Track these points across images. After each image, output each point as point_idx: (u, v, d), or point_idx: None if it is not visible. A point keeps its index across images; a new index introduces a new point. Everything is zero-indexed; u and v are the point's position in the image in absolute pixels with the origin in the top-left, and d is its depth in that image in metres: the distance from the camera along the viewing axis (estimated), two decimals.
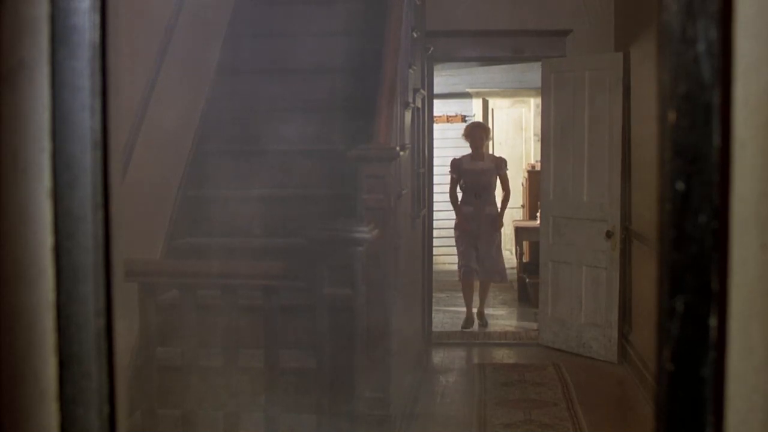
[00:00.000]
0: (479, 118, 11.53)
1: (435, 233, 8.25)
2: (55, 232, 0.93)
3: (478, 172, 8.15)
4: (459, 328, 8.09)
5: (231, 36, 5.98)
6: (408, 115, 5.42)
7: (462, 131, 8.69)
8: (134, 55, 4.40)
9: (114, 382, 0.96)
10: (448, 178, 8.56)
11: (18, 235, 0.93)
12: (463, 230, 8.24)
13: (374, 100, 4.62)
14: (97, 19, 0.92)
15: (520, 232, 9.73)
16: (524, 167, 11.39)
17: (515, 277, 9.83)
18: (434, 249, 8.17)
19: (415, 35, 5.89)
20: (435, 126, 8.45)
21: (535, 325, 7.87)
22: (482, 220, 8.15)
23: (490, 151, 10.28)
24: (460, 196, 8.33)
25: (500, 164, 8.30)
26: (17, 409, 0.95)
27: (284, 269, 3.63)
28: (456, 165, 8.29)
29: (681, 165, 0.87)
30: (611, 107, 6.79)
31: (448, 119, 11.87)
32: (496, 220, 8.25)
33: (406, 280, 5.57)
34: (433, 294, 7.93)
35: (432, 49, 7.24)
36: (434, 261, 8.15)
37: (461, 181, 8.29)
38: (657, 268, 0.89)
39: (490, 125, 11.51)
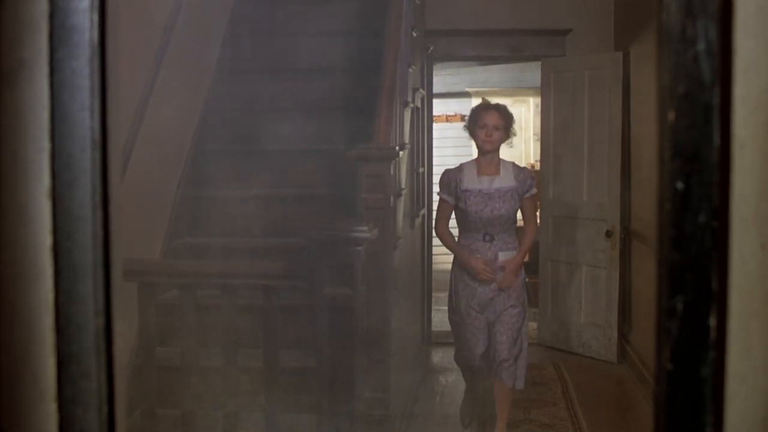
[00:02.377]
0: None
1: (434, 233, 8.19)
2: (54, 231, 0.93)
3: (489, 195, 4.73)
4: None
5: (230, 35, 5.98)
6: (407, 115, 5.42)
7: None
8: (134, 55, 4.40)
9: (113, 382, 0.96)
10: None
11: (17, 234, 0.93)
12: (455, 305, 4.87)
13: (374, 100, 4.62)
14: (96, 18, 0.92)
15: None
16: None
17: None
18: (434, 248, 8.14)
19: (414, 34, 5.89)
20: (434, 125, 8.41)
21: (534, 325, 7.86)
22: (496, 282, 4.73)
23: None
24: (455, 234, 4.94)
25: (526, 180, 4.84)
26: (16, 409, 0.95)
27: (284, 269, 3.64)
28: (450, 180, 4.83)
29: (681, 165, 0.87)
30: (611, 107, 6.79)
31: (447, 119, 11.87)
32: (518, 277, 4.85)
33: (405, 279, 5.57)
34: (433, 294, 7.93)
35: (431, 48, 7.25)
36: (434, 261, 8.13)
37: (459, 210, 4.82)
38: (657, 268, 0.89)
39: None
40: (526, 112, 12.22)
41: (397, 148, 4.57)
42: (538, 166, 8.80)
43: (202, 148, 5.34)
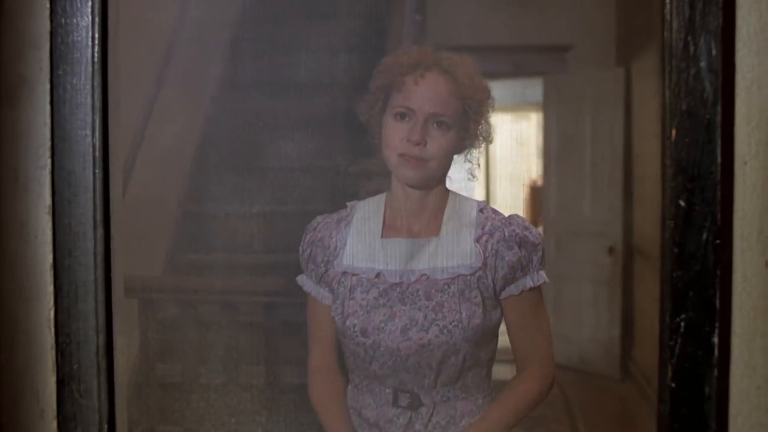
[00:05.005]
0: None
1: None
2: (55, 249, 0.93)
3: (402, 290, 1.82)
4: None
5: (232, 52, 5.98)
6: None
7: None
8: (135, 72, 4.40)
9: (114, 400, 0.95)
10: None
11: (17, 252, 0.93)
12: None
13: None
14: (97, 35, 0.92)
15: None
16: (525, 183, 11.37)
17: None
18: None
19: None
20: None
21: None
22: None
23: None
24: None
25: (510, 249, 1.79)
26: (16, 427, 0.94)
27: (286, 285, 3.62)
28: (315, 249, 2.07)
29: (683, 182, 0.87)
30: (613, 122, 6.78)
31: None
32: None
33: None
34: None
35: None
36: None
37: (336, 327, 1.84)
38: (659, 286, 0.89)
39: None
40: (527, 128, 12.21)
41: None
42: (539, 182, 8.78)
43: (204, 164, 5.33)
